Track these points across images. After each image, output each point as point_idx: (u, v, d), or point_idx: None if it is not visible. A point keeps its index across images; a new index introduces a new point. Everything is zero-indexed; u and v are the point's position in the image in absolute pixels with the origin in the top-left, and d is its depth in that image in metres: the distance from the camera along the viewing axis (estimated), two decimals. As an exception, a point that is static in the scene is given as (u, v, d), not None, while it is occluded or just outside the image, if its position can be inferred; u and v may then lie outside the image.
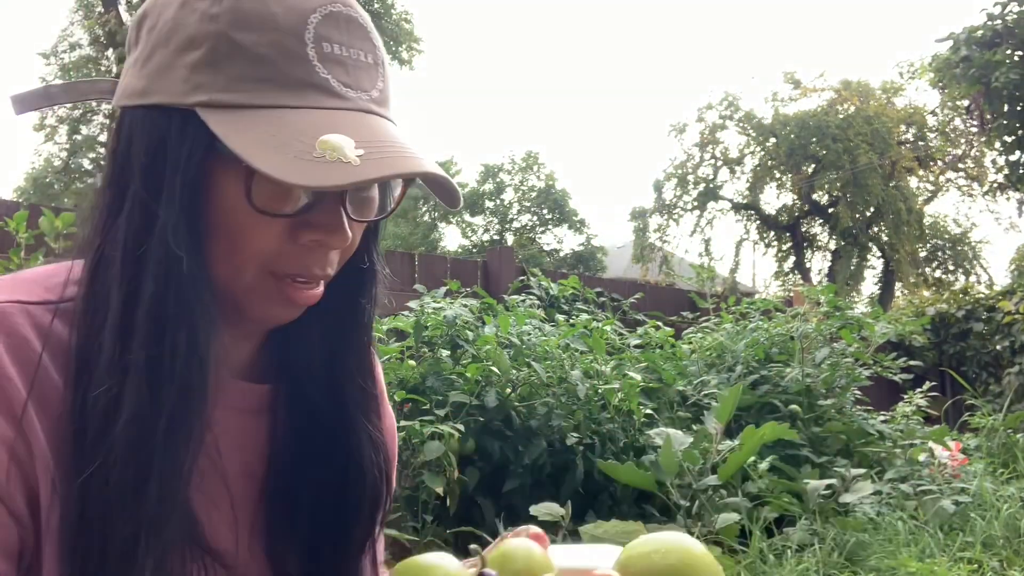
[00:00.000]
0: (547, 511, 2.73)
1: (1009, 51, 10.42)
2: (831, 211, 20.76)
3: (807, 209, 21.61)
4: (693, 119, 22.25)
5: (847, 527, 3.08)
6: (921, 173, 21.16)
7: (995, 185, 17.75)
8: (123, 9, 16.95)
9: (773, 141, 21.02)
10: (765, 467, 3.30)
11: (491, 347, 3.33)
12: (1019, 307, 8.57)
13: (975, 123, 12.09)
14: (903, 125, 21.02)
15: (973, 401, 5.36)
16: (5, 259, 2.85)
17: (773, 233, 22.02)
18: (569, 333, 3.75)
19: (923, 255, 21.75)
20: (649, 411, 3.61)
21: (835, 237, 21.31)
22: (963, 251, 22.11)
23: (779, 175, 21.53)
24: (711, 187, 21.69)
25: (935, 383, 6.10)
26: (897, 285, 20.87)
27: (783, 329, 4.61)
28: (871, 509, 3.29)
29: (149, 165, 0.69)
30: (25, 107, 0.77)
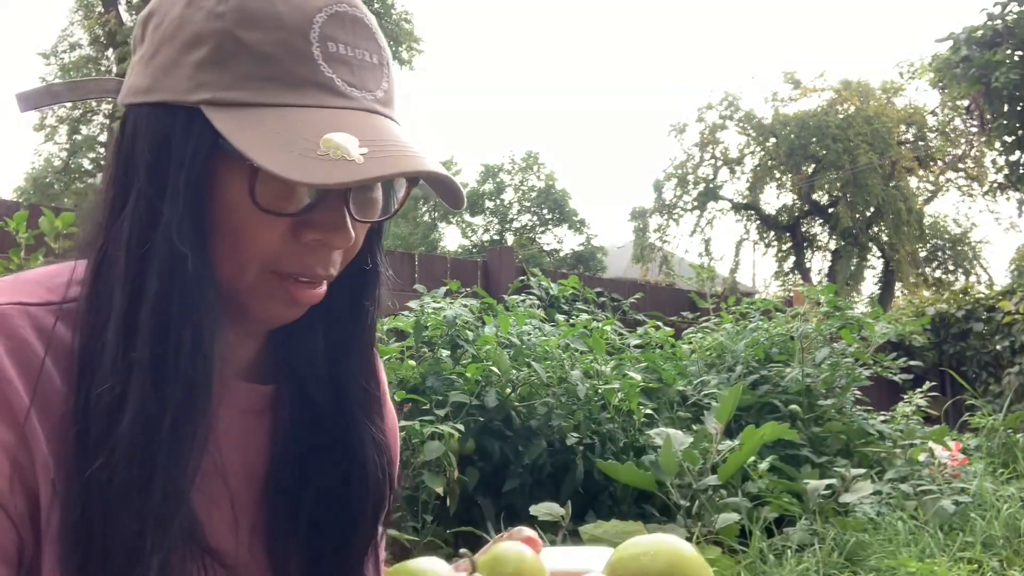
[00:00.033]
0: (547, 511, 2.73)
1: (1009, 51, 10.43)
2: (831, 211, 20.75)
3: (807, 209, 21.61)
4: (693, 119, 22.31)
5: (847, 527, 3.08)
6: (921, 173, 21.16)
7: (995, 185, 17.75)
8: (123, 9, 16.93)
9: (773, 141, 21.02)
10: (765, 467, 3.30)
11: (491, 347, 3.33)
12: (1019, 307, 8.57)
13: (975, 123, 12.10)
14: (903, 125, 21.02)
15: (973, 401, 5.37)
16: (5, 259, 2.84)
17: (773, 233, 22.02)
18: (569, 333, 3.74)
19: (923, 255, 21.76)
20: (649, 411, 3.61)
21: (835, 237, 21.31)
22: (963, 251, 22.12)
23: (779, 175, 21.53)
24: (711, 187, 21.69)
25: (935, 383, 6.11)
26: (897, 285, 20.87)
27: (783, 329, 4.61)
28: (871, 509, 3.29)
29: (153, 163, 0.68)
30: (30, 105, 0.77)
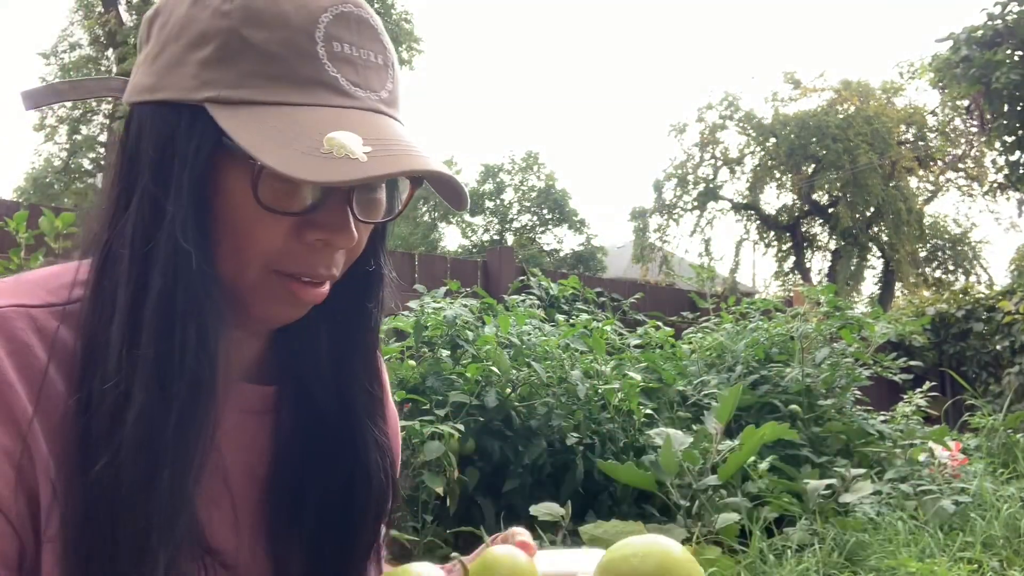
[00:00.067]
0: (547, 511, 2.73)
1: (1009, 51, 10.43)
2: (831, 211, 20.75)
3: (807, 209, 21.61)
4: (693, 119, 22.31)
5: (847, 527, 3.08)
6: (921, 173, 21.16)
7: (995, 185, 17.76)
8: (123, 9, 16.93)
9: (773, 141, 21.01)
10: (765, 467, 3.30)
11: (491, 347, 3.33)
12: (1019, 307, 8.57)
13: (975, 123, 12.10)
14: (903, 125, 21.02)
15: (973, 401, 5.36)
16: (5, 259, 2.84)
17: (773, 233, 22.02)
18: (569, 333, 3.74)
19: (923, 255, 21.76)
20: (649, 411, 3.61)
21: (835, 237, 21.30)
22: (963, 251, 22.11)
23: (779, 175, 21.53)
24: (711, 187, 21.68)
25: (935, 383, 6.10)
26: (897, 285, 20.87)
27: (783, 329, 4.61)
28: (871, 509, 3.28)
29: (158, 160, 0.68)
30: (34, 103, 0.77)
